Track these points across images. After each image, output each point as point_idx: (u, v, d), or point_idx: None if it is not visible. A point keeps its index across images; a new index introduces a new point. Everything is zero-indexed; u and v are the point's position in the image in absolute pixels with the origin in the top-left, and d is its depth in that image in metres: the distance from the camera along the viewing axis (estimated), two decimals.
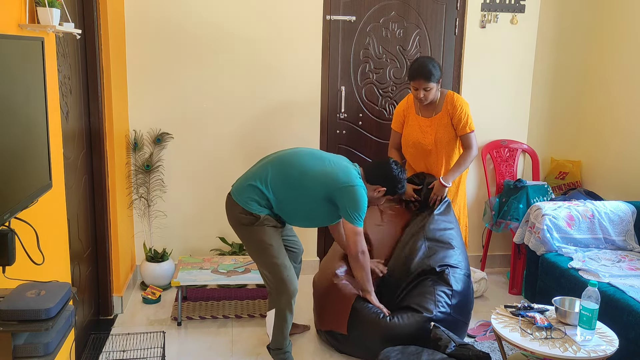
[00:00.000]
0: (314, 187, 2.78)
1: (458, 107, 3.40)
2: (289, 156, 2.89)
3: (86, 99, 3.16)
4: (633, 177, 3.82)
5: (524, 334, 2.51)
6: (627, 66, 3.86)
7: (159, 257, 3.90)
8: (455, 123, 3.42)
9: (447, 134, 3.44)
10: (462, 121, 3.40)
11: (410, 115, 3.54)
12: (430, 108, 3.46)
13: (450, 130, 3.44)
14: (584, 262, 3.24)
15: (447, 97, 3.44)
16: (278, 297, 2.84)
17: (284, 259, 2.84)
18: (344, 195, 2.75)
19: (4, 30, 1.85)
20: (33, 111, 1.78)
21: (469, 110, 3.44)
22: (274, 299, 2.86)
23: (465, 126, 3.41)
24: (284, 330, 2.88)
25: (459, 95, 3.47)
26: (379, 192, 2.94)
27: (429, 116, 3.46)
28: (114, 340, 3.12)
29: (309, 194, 2.79)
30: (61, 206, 2.46)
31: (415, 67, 3.34)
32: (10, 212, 1.59)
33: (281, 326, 2.87)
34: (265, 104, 3.99)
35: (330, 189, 2.76)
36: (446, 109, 3.43)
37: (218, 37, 3.85)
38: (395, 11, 4.05)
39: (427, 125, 3.46)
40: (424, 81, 3.29)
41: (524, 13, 4.15)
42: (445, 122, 3.43)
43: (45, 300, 1.50)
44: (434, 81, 3.31)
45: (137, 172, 3.88)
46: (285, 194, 2.80)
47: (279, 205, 2.82)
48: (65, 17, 2.40)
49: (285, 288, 2.82)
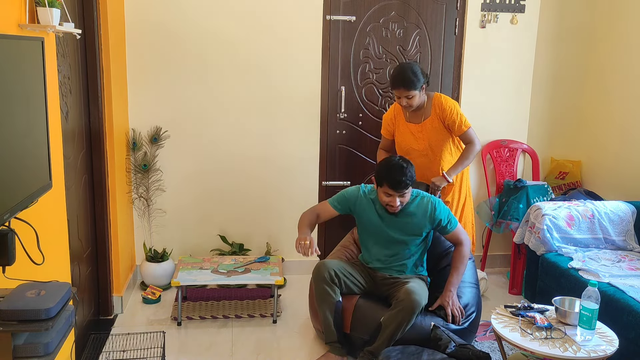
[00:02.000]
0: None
1: (447, 109, 3.35)
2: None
3: (86, 99, 3.16)
4: (633, 177, 3.82)
5: (524, 334, 2.51)
6: (627, 66, 3.86)
7: (159, 257, 3.90)
8: (449, 125, 3.37)
9: (440, 137, 3.40)
10: (456, 121, 3.35)
11: (399, 122, 3.50)
12: (419, 113, 3.42)
13: (442, 132, 3.40)
14: (584, 262, 3.24)
15: (435, 101, 3.38)
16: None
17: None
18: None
19: (4, 30, 1.85)
20: (33, 111, 1.78)
21: (459, 108, 3.39)
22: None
23: (461, 125, 3.37)
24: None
25: (446, 97, 3.42)
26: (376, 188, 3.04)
27: (419, 122, 3.42)
28: (114, 340, 3.12)
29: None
30: (61, 206, 2.46)
31: (394, 75, 3.28)
32: (10, 212, 1.59)
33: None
34: (264, 104, 3.99)
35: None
36: (435, 112, 3.38)
37: (218, 37, 3.85)
38: (395, 11, 4.05)
39: (418, 131, 3.43)
40: (404, 89, 3.24)
41: (524, 13, 4.14)
42: (437, 126, 3.39)
43: (45, 300, 1.50)
44: (415, 88, 3.24)
45: (136, 171, 3.88)
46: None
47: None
48: (65, 17, 2.40)
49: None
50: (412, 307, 2.77)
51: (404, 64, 3.35)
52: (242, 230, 4.13)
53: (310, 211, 3.19)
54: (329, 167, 4.20)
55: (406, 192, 2.93)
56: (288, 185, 4.12)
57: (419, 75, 3.25)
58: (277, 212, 4.15)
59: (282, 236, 4.18)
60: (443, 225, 3.04)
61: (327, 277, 2.94)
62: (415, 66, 3.28)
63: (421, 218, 3.02)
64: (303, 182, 4.14)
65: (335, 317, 2.95)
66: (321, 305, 2.98)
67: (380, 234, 3.08)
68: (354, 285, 3.04)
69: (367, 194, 3.11)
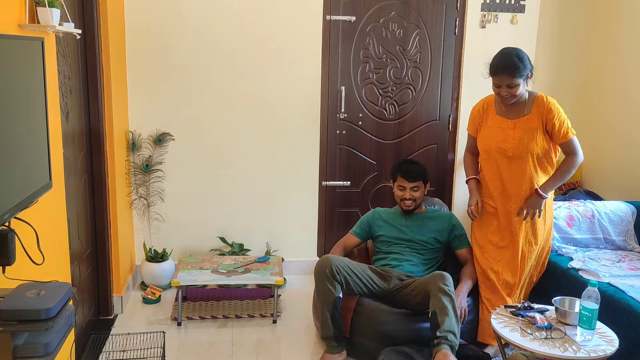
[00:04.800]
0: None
1: (555, 110, 2.87)
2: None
3: (86, 99, 3.16)
4: (633, 177, 3.82)
5: (524, 334, 2.51)
6: (627, 66, 3.86)
7: (159, 257, 3.90)
8: (555, 130, 2.87)
9: (533, 141, 2.89)
10: (563, 126, 2.87)
11: (489, 115, 3.03)
12: (516, 109, 2.93)
13: (537, 137, 2.89)
14: (584, 262, 3.24)
15: (538, 100, 2.91)
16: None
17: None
18: None
19: (4, 30, 1.85)
20: (33, 111, 1.78)
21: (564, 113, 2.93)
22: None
23: (567, 131, 2.88)
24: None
25: (552, 99, 2.94)
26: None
27: (515, 118, 2.93)
28: (114, 340, 3.12)
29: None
30: (61, 206, 2.46)
31: (497, 59, 2.85)
32: (10, 212, 1.59)
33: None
34: (265, 104, 3.99)
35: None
36: (538, 111, 2.88)
37: (218, 37, 3.85)
38: (395, 11, 4.05)
39: (509, 127, 2.93)
40: (507, 76, 2.79)
41: (524, 13, 4.14)
42: (534, 127, 2.88)
43: (45, 300, 1.50)
44: (520, 76, 2.79)
45: (136, 172, 3.88)
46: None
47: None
48: (65, 17, 2.40)
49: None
50: (442, 278, 2.81)
51: (509, 48, 2.91)
52: (242, 230, 4.14)
53: (336, 247, 3.38)
54: (329, 167, 4.20)
55: (417, 186, 3.22)
56: (288, 185, 4.12)
57: (526, 61, 2.82)
58: (277, 212, 4.15)
59: (282, 236, 4.18)
60: (459, 234, 3.27)
61: (329, 272, 2.93)
62: (522, 52, 2.85)
63: (440, 223, 3.29)
64: (303, 182, 4.14)
65: (333, 312, 2.92)
66: (320, 299, 2.97)
67: (400, 237, 3.22)
68: (355, 285, 3.01)
69: (382, 210, 3.40)
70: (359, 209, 4.25)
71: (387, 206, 3.50)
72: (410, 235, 3.19)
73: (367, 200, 4.29)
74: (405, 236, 3.19)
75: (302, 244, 4.23)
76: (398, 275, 3.08)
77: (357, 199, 4.29)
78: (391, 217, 3.31)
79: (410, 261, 3.15)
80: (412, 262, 3.15)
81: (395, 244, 3.22)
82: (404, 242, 3.21)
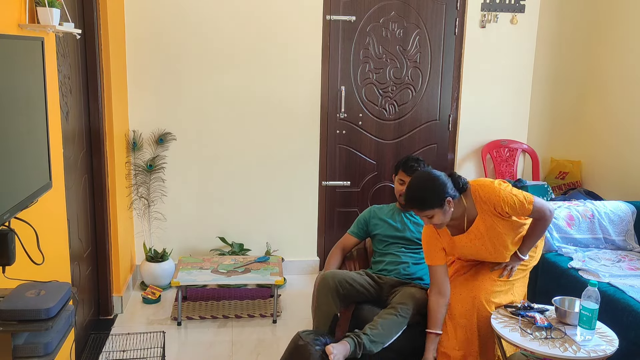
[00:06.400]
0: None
1: (494, 197, 2.57)
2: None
3: (86, 99, 3.16)
4: (633, 177, 3.82)
5: (524, 334, 2.51)
6: (627, 66, 3.86)
7: (159, 257, 3.89)
8: (510, 212, 2.59)
9: (502, 229, 2.64)
10: (516, 204, 2.56)
11: (444, 237, 2.74)
12: (461, 221, 2.67)
13: (503, 227, 2.64)
14: (584, 262, 3.24)
15: (475, 197, 2.61)
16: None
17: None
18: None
19: (4, 30, 1.85)
20: (33, 111, 1.78)
21: (508, 187, 2.60)
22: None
23: (523, 205, 2.56)
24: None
25: (481, 183, 2.62)
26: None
27: (468, 227, 2.67)
28: (113, 340, 3.12)
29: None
30: (61, 206, 2.46)
31: (405, 192, 2.61)
32: (10, 212, 1.59)
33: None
34: (265, 104, 3.99)
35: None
36: (482, 209, 2.61)
37: (218, 37, 3.86)
38: (395, 11, 4.05)
39: (475, 238, 2.67)
40: (417, 211, 2.57)
41: (524, 13, 4.15)
42: (490, 223, 2.62)
43: (45, 300, 1.50)
44: (431, 207, 2.51)
45: (136, 172, 3.88)
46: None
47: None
48: (65, 17, 2.40)
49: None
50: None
51: (416, 178, 2.60)
52: (242, 230, 4.14)
53: (335, 249, 3.30)
54: (329, 167, 4.20)
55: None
56: (288, 185, 4.12)
57: (438, 189, 2.51)
58: (277, 212, 4.15)
59: (282, 236, 4.18)
60: None
61: (331, 290, 2.87)
62: (431, 180, 2.53)
63: None
64: (303, 182, 4.14)
65: (330, 326, 2.88)
66: (319, 314, 2.91)
67: (396, 235, 3.17)
68: (355, 296, 2.96)
69: (378, 207, 3.30)
70: (359, 209, 4.25)
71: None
72: (407, 234, 3.17)
73: (366, 200, 4.29)
74: (402, 234, 3.18)
75: (302, 243, 4.23)
76: (392, 282, 3.08)
77: (357, 198, 4.30)
78: (388, 215, 3.28)
79: (405, 263, 3.13)
80: (407, 265, 3.14)
81: (391, 244, 3.20)
82: (400, 241, 3.19)
